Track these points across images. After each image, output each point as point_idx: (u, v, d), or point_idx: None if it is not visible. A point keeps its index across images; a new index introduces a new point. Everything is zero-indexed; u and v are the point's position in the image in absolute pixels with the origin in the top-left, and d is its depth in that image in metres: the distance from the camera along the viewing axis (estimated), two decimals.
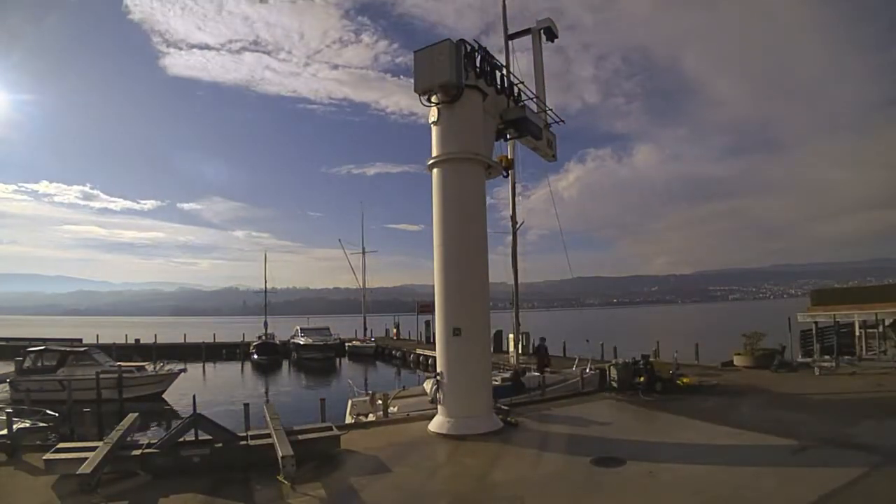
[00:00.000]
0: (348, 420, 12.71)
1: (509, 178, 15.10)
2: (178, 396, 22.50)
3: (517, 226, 15.98)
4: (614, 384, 13.79)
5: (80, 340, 38.30)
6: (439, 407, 10.10)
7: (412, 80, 10.25)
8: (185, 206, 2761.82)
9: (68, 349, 23.26)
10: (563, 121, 13.94)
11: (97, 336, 45.89)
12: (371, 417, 12.41)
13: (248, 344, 42.76)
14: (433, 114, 10.40)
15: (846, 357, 16.69)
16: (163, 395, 23.18)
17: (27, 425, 10.99)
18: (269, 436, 8.09)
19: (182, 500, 6.68)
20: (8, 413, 9.99)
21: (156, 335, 46.14)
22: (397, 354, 38.39)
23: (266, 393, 27.52)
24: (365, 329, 48.28)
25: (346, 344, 42.85)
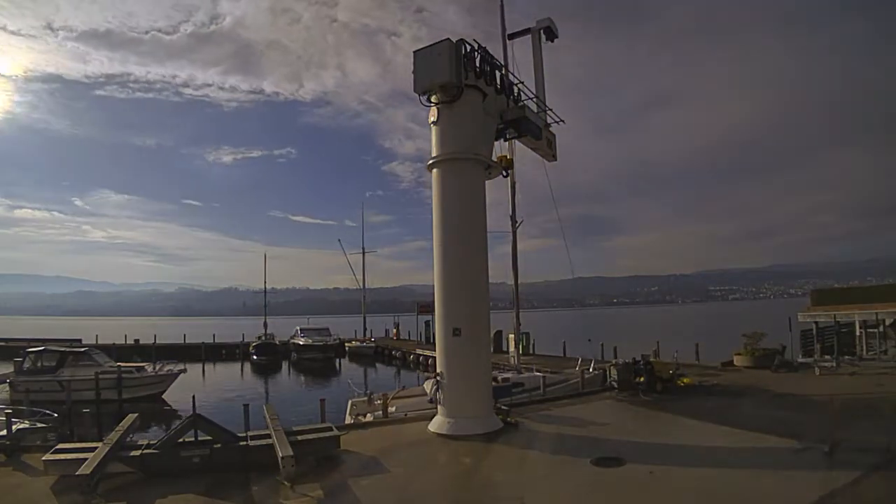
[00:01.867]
0: (348, 420, 12.70)
1: (509, 177, 15.10)
2: (177, 397, 22.47)
3: (517, 225, 15.97)
4: (614, 384, 13.79)
5: (80, 341, 38.32)
6: (439, 407, 10.09)
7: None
8: (78, 201, 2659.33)
9: (68, 350, 23.25)
10: (562, 120, 13.94)
11: (96, 336, 45.84)
12: (369, 417, 12.40)
13: (248, 344, 42.72)
14: (433, 114, 10.40)
15: (847, 357, 16.69)
16: (162, 396, 23.18)
17: (26, 426, 10.97)
18: (268, 436, 8.08)
19: (181, 500, 6.67)
20: (7, 414, 9.99)
21: (155, 335, 46.07)
22: (397, 355, 38.36)
23: (266, 393, 27.52)
24: (365, 329, 48.24)
25: (346, 344, 42.81)
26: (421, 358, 32.95)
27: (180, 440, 7.86)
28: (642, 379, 13.25)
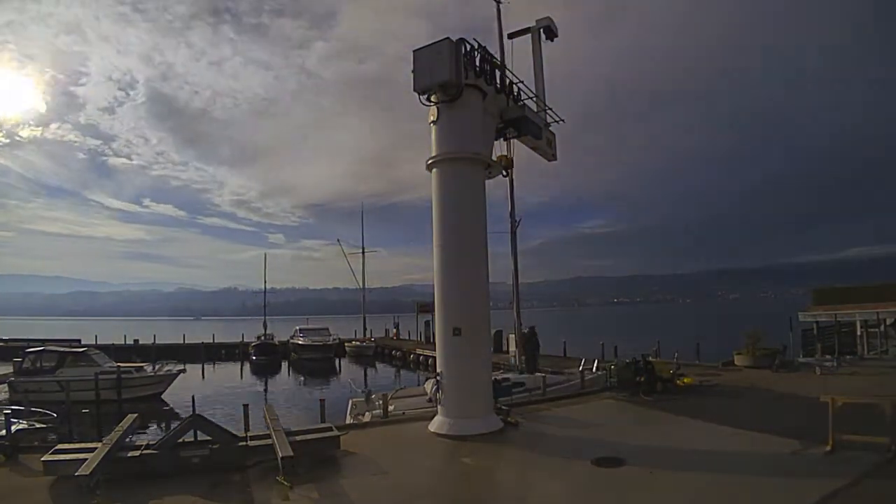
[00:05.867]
0: (349, 420, 12.69)
1: (509, 177, 15.08)
2: (177, 397, 22.46)
3: (516, 224, 15.95)
4: (614, 384, 13.77)
5: (79, 341, 38.25)
6: (439, 407, 10.06)
7: None
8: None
9: (67, 350, 23.21)
10: (562, 120, 13.93)
11: (96, 337, 45.76)
12: (368, 417, 12.38)
13: (247, 344, 42.67)
14: (432, 113, 10.37)
15: (847, 357, 16.68)
16: (162, 396, 23.16)
17: (25, 426, 10.95)
18: (268, 437, 8.06)
19: (180, 500, 6.65)
20: (6, 414, 9.97)
21: (154, 335, 46.03)
22: (397, 355, 38.36)
23: (265, 393, 27.50)
24: (364, 329, 48.18)
25: (346, 344, 42.78)
26: (421, 358, 32.94)
27: (180, 440, 7.84)
28: (642, 379, 13.24)
